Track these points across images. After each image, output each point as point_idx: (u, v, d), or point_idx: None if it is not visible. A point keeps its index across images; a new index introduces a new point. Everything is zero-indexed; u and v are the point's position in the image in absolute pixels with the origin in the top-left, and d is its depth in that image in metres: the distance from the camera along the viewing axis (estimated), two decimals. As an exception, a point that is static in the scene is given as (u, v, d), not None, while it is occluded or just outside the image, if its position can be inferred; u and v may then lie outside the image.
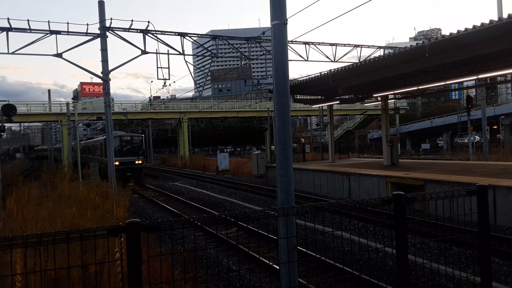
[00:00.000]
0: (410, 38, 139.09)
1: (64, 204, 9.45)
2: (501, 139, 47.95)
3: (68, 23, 15.54)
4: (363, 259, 8.47)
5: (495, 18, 11.52)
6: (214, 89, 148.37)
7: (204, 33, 22.40)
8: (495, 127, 50.65)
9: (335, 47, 21.41)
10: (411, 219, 11.76)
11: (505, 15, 11.16)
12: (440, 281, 6.96)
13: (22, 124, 64.50)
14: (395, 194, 3.09)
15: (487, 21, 11.31)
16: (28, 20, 15.05)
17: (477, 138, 51.22)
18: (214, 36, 20.11)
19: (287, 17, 4.73)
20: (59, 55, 15.60)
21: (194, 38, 19.25)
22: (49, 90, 63.44)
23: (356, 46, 22.11)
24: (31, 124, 78.66)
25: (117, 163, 21.89)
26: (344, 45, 21.80)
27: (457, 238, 7.69)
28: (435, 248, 8.90)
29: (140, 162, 29.00)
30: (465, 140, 48.55)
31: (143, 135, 32.85)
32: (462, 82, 18.81)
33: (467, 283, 3.48)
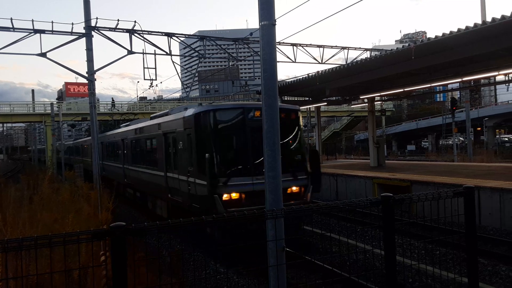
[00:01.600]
0: (396, 41, 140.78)
1: (46, 207, 9.25)
2: (485, 140, 48.86)
3: (52, 22, 15.25)
4: (350, 260, 8.49)
5: (479, 21, 11.70)
6: (201, 90, 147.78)
7: (191, 34, 22.24)
8: (479, 129, 51.60)
9: (322, 49, 21.48)
10: (399, 220, 11.86)
11: (488, 18, 11.35)
12: (427, 281, 7.01)
13: (5, 124, 63.22)
14: (383, 196, 3.09)
15: (471, 24, 11.48)
16: (11, 19, 14.73)
17: (461, 139, 52.11)
18: (202, 36, 19.99)
19: (275, 18, 4.70)
20: (43, 55, 15.29)
21: (181, 39, 19.10)
22: (32, 90, 62.18)
23: (343, 48, 22.24)
24: (14, 124, 77.09)
25: (235, 194, 9.20)
26: (332, 47, 21.90)
27: (444, 239, 7.78)
28: (422, 249, 8.98)
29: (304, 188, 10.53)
30: (450, 142, 49.34)
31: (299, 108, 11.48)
32: (447, 85, 19.10)
33: (454, 283, 3.50)
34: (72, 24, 15.22)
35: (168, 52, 17.76)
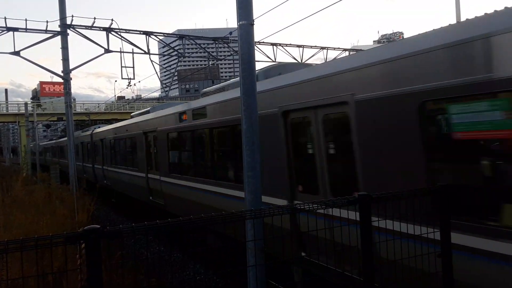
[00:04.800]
0: (374, 41, 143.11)
1: (20, 209, 8.98)
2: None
3: (26, 20, 14.86)
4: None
5: (453, 21, 11.99)
6: (181, 89, 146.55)
7: (170, 33, 22.04)
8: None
9: (302, 48, 21.64)
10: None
11: (463, 18, 11.62)
12: (404, 276, 7.13)
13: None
14: (360, 195, 3.12)
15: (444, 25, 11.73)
16: (-18, 16, 14.28)
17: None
18: (181, 35, 19.81)
19: (254, 18, 4.70)
20: (16, 53, 14.85)
21: (160, 37, 18.88)
22: (6, 90, 60.40)
23: (323, 48, 22.46)
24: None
25: None
26: (311, 47, 22.09)
27: (419, 235, 7.93)
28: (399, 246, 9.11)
29: None
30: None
31: None
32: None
33: (429, 276, 3.59)
34: (47, 22, 14.85)
35: (147, 51, 17.53)
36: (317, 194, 5.40)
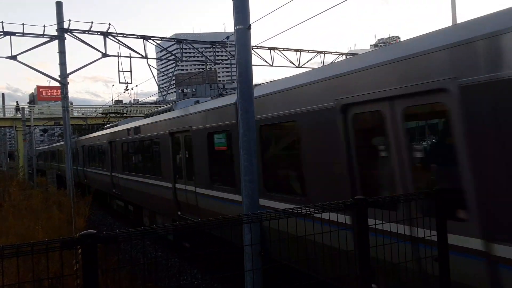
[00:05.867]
0: (370, 45, 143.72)
1: (17, 214, 8.95)
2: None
3: (23, 24, 14.86)
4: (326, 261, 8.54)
5: (450, 23, 12.06)
6: (178, 93, 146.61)
7: (168, 37, 22.06)
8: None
9: (299, 53, 21.70)
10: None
11: (459, 20, 11.64)
12: (400, 280, 7.12)
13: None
14: (356, 199, 3.13)
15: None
16: (-21, 20, 14.25)
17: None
18: (178, 39, 19.84)
19: (251, 22, 4.72)
20: (13, 57, 14.83)
21: (158, 42, 18.90)
22: (3, 94, 60.16)
23: (320, 52, 22.53)
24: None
25: None
26: (308, 51, 22.16)
27: (416, 238, 7.92)
28: (395, 249, 9.11)
29: None
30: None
31: None
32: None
33: (427, 279, 3.59)
34: (44, 26, 14.86)
35: (144, 55, 17.54)
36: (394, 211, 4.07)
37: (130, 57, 17.07)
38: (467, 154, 3.47)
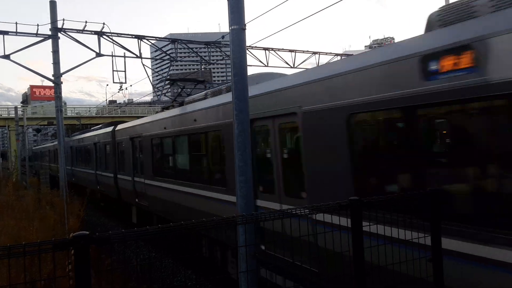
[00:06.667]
0: (365, 46, 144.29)
1: (10, 215, 8.86)
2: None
3: (16, 23, 14.72)
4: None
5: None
6: (173, 93, 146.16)
7: (162, 37, 21.99)
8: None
9: (294, 53, 21.72)
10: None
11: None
12: (395, 281, 7.15)
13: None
14: (351, 199, 3.13)
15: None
16: (-29, 19, 14.14)
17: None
18: (173, 39, 19.78)
19: (246, 22, 4.71)
20: (6, 57, 14.70)
21: (152, 41, 18.83)
22: (-5, 93, 59.60)
23: (315, 53, 22.57)
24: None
25: None
26: (303, 51, 22.19)
27: (411, 240, 7.96)
28: (390, 250, 9.14)
29: None
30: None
31: None
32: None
33: (421, 281, 3.60)
34: (38, 25, 14.73)
35: (139, 55, 17.47)
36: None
37: (125, 56, 17.00)
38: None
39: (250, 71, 6.86)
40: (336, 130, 4.85)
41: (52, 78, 14.54)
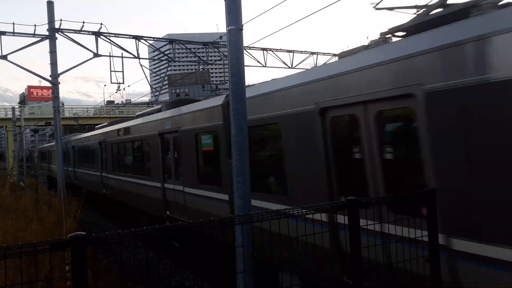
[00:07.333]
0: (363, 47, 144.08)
1: (7, 216, 8.84)
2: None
3: (13, 23, 14.68)
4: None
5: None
6: (171, 93, 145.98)
7: (160, 37, 21.98)
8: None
9: (292, 53, 21.74)
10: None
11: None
12: (393, 279, 7.16)
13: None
14: (349, 199, 3.13)
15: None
16: (-32, 19, 14.09)
17: None
18: (171, 40, 19.77)
19: (244, 22, 4.71)
20: (3, 57, 14.65)
21: (150, 42, 18.81)
22: (-8, 94, 59.41)
23: (313, 53, 22.59)
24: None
25: None
26: (301, 52, 22.20)
27: (407, 238, 7.98)
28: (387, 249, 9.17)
29: None
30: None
31: None
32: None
33: (418, 279, 3.62)
34: (35, 25, 14.69)
35: (136, 55, 17.44)
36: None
37: (122, 57, 16.98)
38: None
39: (248, 71, 6.77)
40: None
41: (50, 78, 14.50)
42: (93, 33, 16.03)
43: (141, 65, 18.67)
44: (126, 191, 13.31)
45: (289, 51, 21.73)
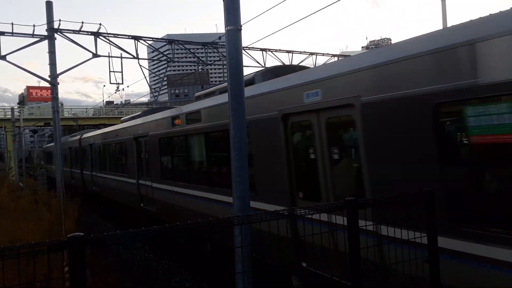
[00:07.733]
0: (362, 47, 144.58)
1: (5, 216, 8.82)
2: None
3: (12, 23, 14.67)
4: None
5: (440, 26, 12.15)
6: (170, 94, 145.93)
7: (159, 37, 21.97)
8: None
9: (291, 54, 21.74)
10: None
11: (449, 23, 11.64)
12: (392, 280, 7.16)
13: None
14: (347, 200, 3.13)
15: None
16: (-34, 19, 14.09)
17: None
18: (170, 40, 19.76)
19: (242, 23, 4.71)
20: (2, 58, 14.64)
21: (149, 42, 18.79)
22: (-9, 94, 59.39)
23: (312, 53, 22.59)
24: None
25: None
26: (300, 52, 22.20)
27: (406, 239, 7.98)
28: (387, 250, 9.16)
29: None
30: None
31: None
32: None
33: (417, 279, 3.61)
34: (34, 26, 14.67)
35: (135, 56, 17.43)
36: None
37: (121, 57, 16.96)
38: None
39: (247, 71, 6.75)
40: None
41: (49, 79, 14.50)
42: (92, 33, 16.02)
43: (140, 66, 18.66)
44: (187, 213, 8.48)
45: (288, 52, 21.73)
